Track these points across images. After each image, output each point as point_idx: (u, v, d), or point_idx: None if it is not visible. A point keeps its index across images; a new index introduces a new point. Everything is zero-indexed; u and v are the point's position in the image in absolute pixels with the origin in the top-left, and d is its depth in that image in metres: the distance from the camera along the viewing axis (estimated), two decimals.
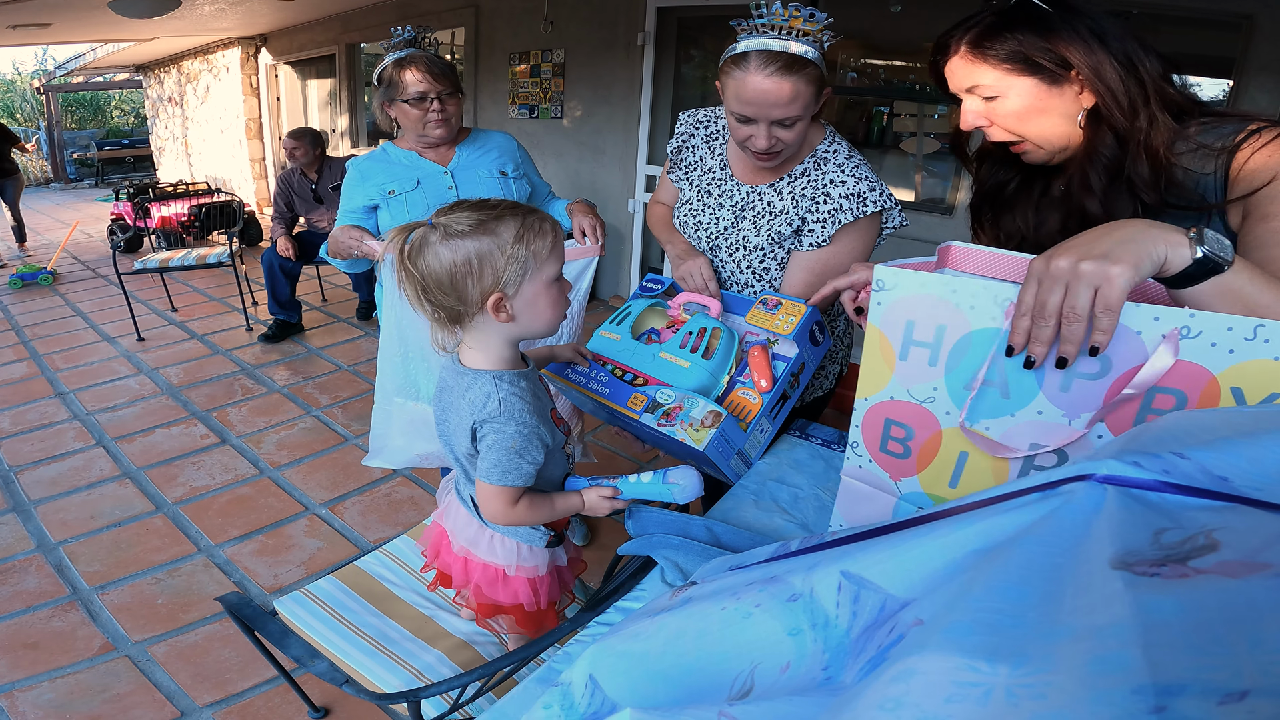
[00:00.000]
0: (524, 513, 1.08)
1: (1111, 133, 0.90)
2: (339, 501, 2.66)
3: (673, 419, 1.15)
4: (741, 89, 1.21)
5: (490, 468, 1.03)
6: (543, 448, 1.05)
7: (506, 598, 1.21)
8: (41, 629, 2.01)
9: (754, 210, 1.41)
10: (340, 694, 1.75)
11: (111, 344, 4.28)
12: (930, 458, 0.82)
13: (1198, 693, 0.25)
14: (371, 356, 4.06)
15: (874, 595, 0.41)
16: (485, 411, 1.01)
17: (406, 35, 1.73)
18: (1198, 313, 0.62)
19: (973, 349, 0.75)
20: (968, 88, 0.95)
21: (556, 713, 0.48)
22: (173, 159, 10.93)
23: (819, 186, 1.33)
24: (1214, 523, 0.37)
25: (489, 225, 0.97)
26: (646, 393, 1.21)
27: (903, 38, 3.65)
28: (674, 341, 1.26)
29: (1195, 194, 0.88)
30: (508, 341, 1.05)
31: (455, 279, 0.96)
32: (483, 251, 0.96)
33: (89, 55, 9.91)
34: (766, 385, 1.18)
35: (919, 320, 0.77)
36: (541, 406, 1.08)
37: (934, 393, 0.79)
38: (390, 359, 1.79)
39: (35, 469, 2.87)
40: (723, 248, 1.46)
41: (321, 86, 8.07)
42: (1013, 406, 0.74)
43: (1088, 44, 0.87)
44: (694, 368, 1.21)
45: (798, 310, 1.21)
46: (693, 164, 1.52)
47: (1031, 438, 0.74)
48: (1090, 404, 0.70)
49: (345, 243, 1.69)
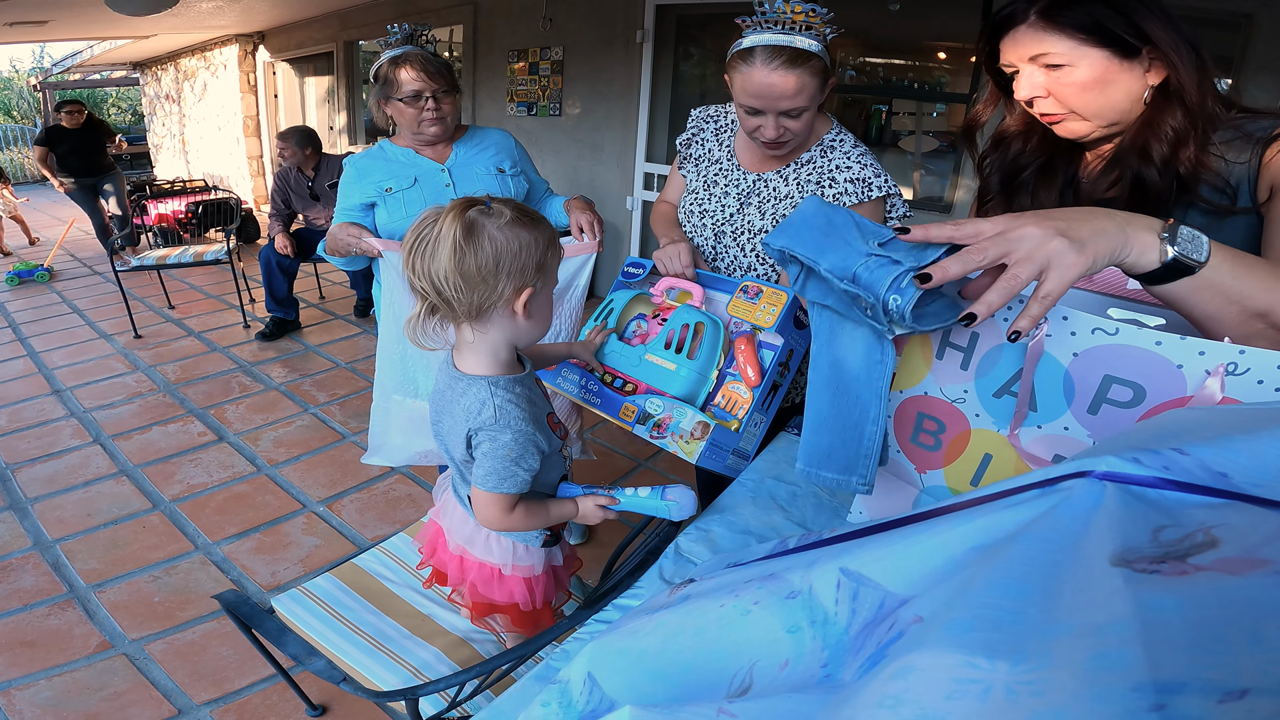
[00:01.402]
0: (520, 519, 1.08)
1: (1182, 109, 0.90)
2: (337, 499, 2.66)
3: (664, 431, 1.18)
4: (749, 82, 1.24)
5: (486, 475, 1.02)
6: (538, 454, 1.04)
7: (502, 597, 1.21)
8: (38, 627, 2.01)
9: (759, 196, 1.44)
10: (338, 692, 1.75)
11: (108, 341, 4.27)
12: (958, 453, 0.84)
13: (1198, 690, 0.25)
14: (369, 354, 4.06)
15: (873, 592, 0.41)
16: (480, 419, 1.00)
17: (403, 32, 1.73)
18: (1247, 349, 0.60)
19: (1003, 360, 0.76)
20: (1032, 56, 0.94)
21: (555, 710, 0.48)
22: (170, 156, 10.90)
23: (825, 172, 1.38)
24: (1213, 520, 0.37)
25: (531, 222, 0.97)
26: (636, 403, 1.23)
27: (901, 36, 3.66)
28: (658, 341, 1.26)
29: (1223, 179, 0.91)
30: (509, 344, 1.04)
31: (500, 266, 0.94)
32: (526, 244, 0.96)
33: (86, 53, 9.87)
34: (755, 378, 1.19)
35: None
36: (537, 412, 1.06)
37: (964, 395, 0.81)
38: (389, 356, 1.79)
39: (32, 466, 2.86)
40: (727, 234, 1.48)
41: (319, 84, 8.05)
42: (1040, 419, 0.75)
43: (1166, 22, 0.88)
44: (680, 369, 1.23)
45: (779, 299, 1.19)
46: (701, 156, 1.55)
47: (1057, 450, 0.74)
48: (1114, 428, 0.69)
49: (343, 240, 1.68)
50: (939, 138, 3.68)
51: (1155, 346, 0.66)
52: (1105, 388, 0.69)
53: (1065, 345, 0.71)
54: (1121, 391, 0.68)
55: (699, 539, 1.03)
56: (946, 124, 3.66)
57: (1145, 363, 0.66)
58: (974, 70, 3.30)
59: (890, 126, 3.84)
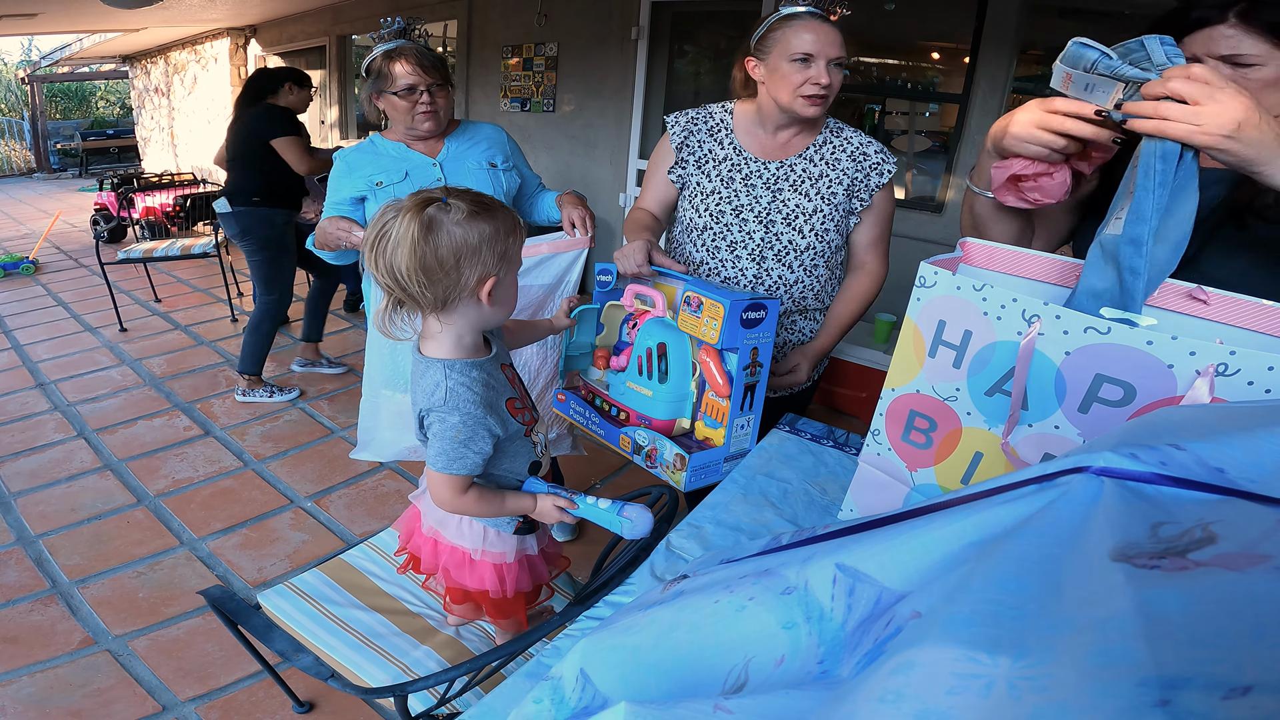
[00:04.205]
0: (472, 504, 1.10)
1: None
2: (324, 495, 2.64)
3: (654, 461, 1.26)
4: (801, 32, 1.36)
5: (436, 455, 1.05)
6: (490, 438, 1.07)
7: (473, 583, 1.22)
8: (21, 623, 1.99)
9: (790, 181, 1.49)
10: (325, 689, 1.74)
11: (94, 334, 4.23)
12: (949, 451, 0.85)
13: (1201, 686, 0.25)
14: (358, 348, 4.03)
15: (869, 588, 0.41)
16: (432, 400, 1.04)
17: (397, 26, 1.72)
18: (1238, 349, 0.61)
19: (995, 359, 0.76)
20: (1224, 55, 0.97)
21: (547, 707, 0.47)
22: (158, 150, 10.82)
23: (852, 147, 1.50)
24: (1210, 516, 0.37)
25: (489, 212, 1.00)
26: (629, 434, 1.31)
27: (896, 35, 3.66)
28: (632, 369, 1.34)
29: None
30: (475, 329, 1.07)
31: (462, 260, 0.98)
32: (486, 236, 0.99)
33: (75, 46, 9.80)
34: (724, 388, 1.22)
35: (949, 321, 0.79)
36: (494, 396, 1.08)
37: (956, 393, 0.81)
38: (378, 351, 1.78)
39: (15, 460, 2.83)
40: (777, 220, 1.49)
41: (311, 78, 8.01)
42: (1031, 418, 0.75)
43: None
44: (657, 396, 1.30)
45: (718, 311, 1.20)
46: (703, 157, 1.55)
47: (1046, 449, 0.75)
48: (1104, 427, 0.69)
49: (333, 234, 1.67)
50: (931, 137, 3.69)
51: (1147, 346, 0.66)
52: (1096, 386, 0.69)
53: (1058, 344, 0.71)
54: (1112, 390, 0.68)
55: (690, 535, 1.02)
56: (939, 124, 3.67)
57: (1136, 362, 0.67)
58: (967, 71, 3.31)
59: (883, 126, 3.85)
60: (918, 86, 3.74)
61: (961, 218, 1.17)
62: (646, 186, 1.63)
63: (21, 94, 15.76)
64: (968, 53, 3.31)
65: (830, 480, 1.17)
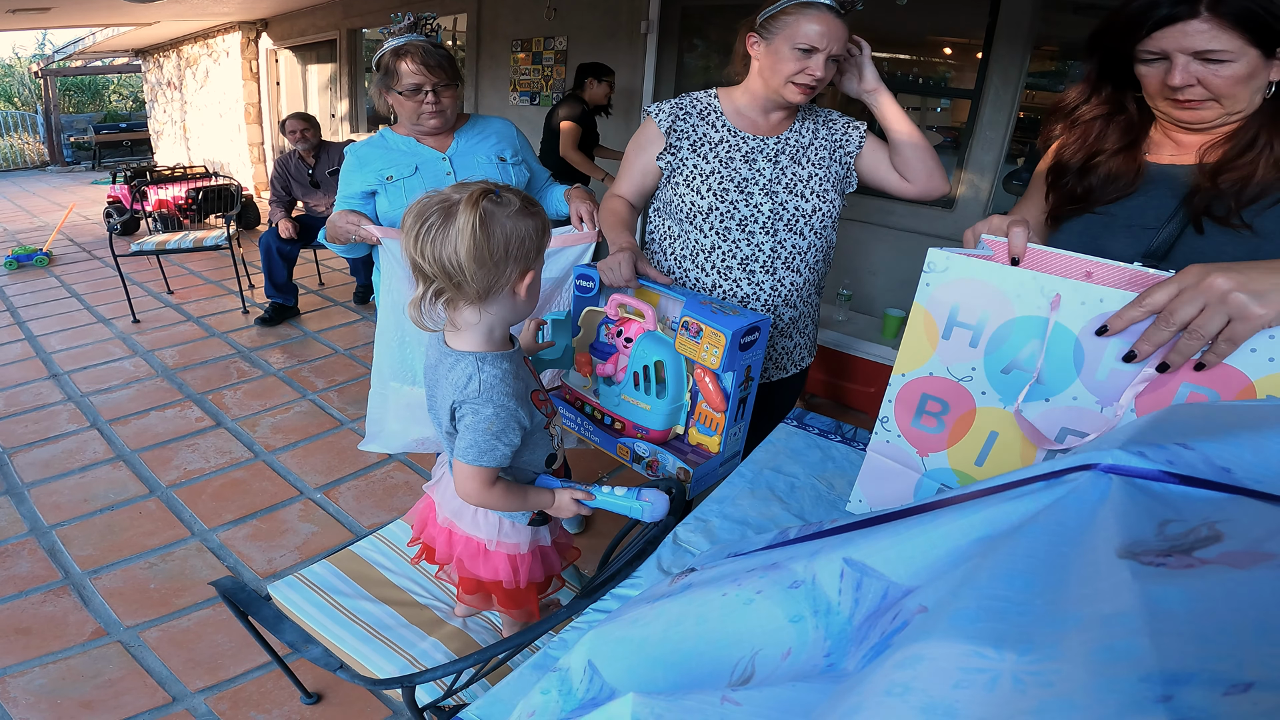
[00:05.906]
0: (498, 498, 1.11)
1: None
2: (334, 486, 2.66)
3: (655, 472, 1.30)
4: (810, 24, 1.36)
5: (467, 448, 1.05)
6: (519, 430, 1.08)
7: (487, 573, 1.23)
8: (33, 613, 2.01)
9: (789, 153, 1.54)
10: (334, 680, 1.75)
11: (107, 326, 4.26)
12: (962, 434, 0.86)
13: (1204, 682, 0.25)
14: (368, 341, 4.05)
15: (876, 582, 0.41)
16: (465, 392, 1.04)
17: (407, 21, 1.72)
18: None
19: (1014, 334, 0.78)
20: (1197, 50, 0.98)
21: (555, 698, 0.48)
22: (170, 143, 10.86)
23: (832, 121, 1.59)
24: (1216, 514, 0.37)
25: (534, 207, 1.04)
26: (628, 444, 1.35)
27: (907, 30, 3.63)
28: (627, 383, 1.36)
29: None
30: (505, 322, 1.09)
31: (510, 252, 1.00)
32: (533, 231, 1.02)
33: (88, 39, 9.83)
34: (720, 404, 1.27)
35: (964, 304, 0.81)
36: (522, 387, 1.10)
37: (972, 372, 0.83)
38: (387, 343, 1.79)
39: (29, 451, 2.86)
40: (780, 190, 1.51)
41: (322, 71, 8.02)
42: (1048, 391, 0.77)
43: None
44: (655, 409, 1.33)
45: (719, 340, 1.23)
46: (698, 140, 1.55)
47: (1064, 423, 0.77)
48: (1121, 390, 0.73)
49: (344, 228, 1.68)
50: (943, 133, 3.67)
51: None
52: (1113, 352, 0.73)
53: (1076, 315, 0.74)
54: (1123, 349, 0.72)
55: (697, 529, 1.03)
56: (950, 119, 3.65)
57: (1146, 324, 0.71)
58: (979, 66, 3.28)
59: None
60: (929, 81, 3.71)
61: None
62: (624, 174, 1.62)
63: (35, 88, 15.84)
64: (980, 47, 3.29)
65: (838, 475, 1.17)
